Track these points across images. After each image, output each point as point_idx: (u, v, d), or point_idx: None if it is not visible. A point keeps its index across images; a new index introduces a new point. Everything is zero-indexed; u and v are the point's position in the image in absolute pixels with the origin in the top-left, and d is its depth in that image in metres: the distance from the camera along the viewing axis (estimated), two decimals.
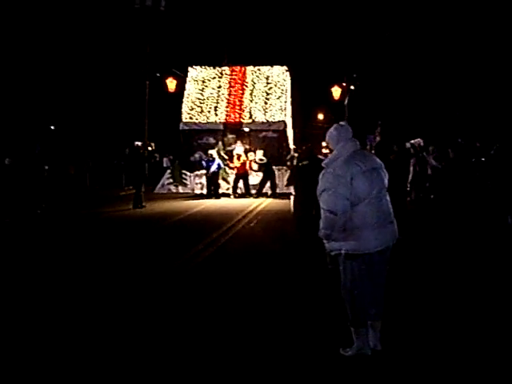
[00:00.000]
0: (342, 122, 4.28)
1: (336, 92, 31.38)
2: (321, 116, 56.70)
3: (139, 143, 27.19)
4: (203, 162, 18.39)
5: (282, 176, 19.17)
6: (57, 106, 34.16)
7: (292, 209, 8.19)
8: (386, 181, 4.22)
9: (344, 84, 31.61)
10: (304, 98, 32.07)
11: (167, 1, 26.34)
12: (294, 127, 22.80)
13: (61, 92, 33.60)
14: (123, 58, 31.53)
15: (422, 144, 38.59)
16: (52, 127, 37.32)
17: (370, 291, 4.17)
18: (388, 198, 4.23)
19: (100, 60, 32.41)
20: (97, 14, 31.47)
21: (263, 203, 16.75)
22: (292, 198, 8.22)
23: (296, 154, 23.52)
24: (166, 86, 27.64)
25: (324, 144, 60.93)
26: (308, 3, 35.76)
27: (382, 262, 4.20)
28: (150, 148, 40.08)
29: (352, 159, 4.08)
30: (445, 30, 27.06)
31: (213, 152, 18.44)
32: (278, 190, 18.97)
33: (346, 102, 37.96)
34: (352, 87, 32.27)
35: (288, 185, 19.26)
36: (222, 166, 18.37)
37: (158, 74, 29.87)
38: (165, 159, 26.13)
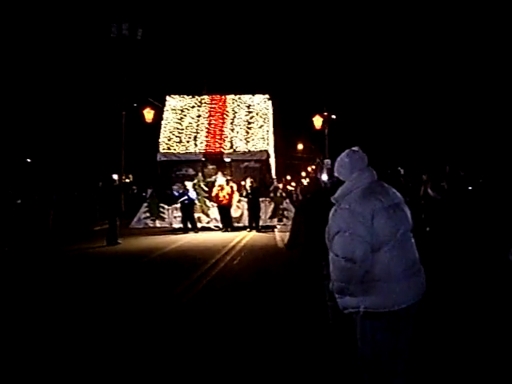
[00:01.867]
0: (355, 148, 3.43)
1: (317, 121, 30.97)
2: (300, 146, 56.44)
3: (116, 176, 26.21)
4: (175, 192, 17.40)
5: (265, 208, 18.29)
6: (32, 138, 33.14)
7: (284, 245, 7.16)
8: (411, 219, 3.37)
9: (325, 113, 31.28)
10: (285, 127, 31.47)
11: (144, 30, 25.82)
12: (276, 157, 22.01)
13: (37, 124, 32.61)
14: (99, 88, 30.73)
15: (402, 173, 38.09)
16: (28, 160, 36.23)
17: (394, 357, 3.28)
18: (413, 240, 3.37)
19: (76, 90, 31.57)
20: (73, 44, 30.76)
21: (246, 237, 15.80)
22: (277, 232, 7.25)
23: (280, 185, 22.88)
24: (143, 116, 26.91)
25: (303, 174, 60.36)
26: (289, 31, 35.62)
27: (409, 320, 3.32)
28: (127, 180, 39.11)
29: (371, 192, 3.22)
30: (424, 59, 26.95)
31: (188, 183, 17.51)
32: (261, 223, 18.08)
33: (327, 131, 37.68)
34: (333, 116, 31.97)
35: (272, 217, 18.43)
36: (194, 197, 17.39)
37: (135, 105, 29.20)
38: (149, 190, 25.05)
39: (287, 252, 6.64)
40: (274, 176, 20.75)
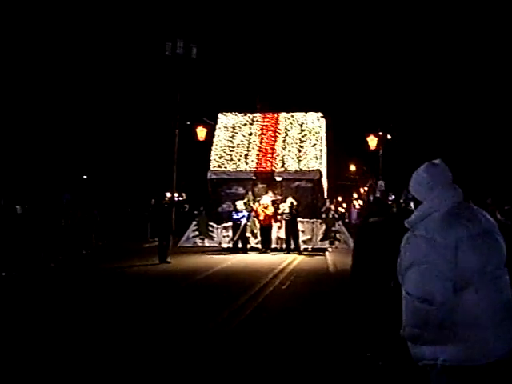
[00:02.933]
0: (435, 161, 2.80)
1: (372, 141, 30.07)
2: (353, 167, 55.34)
3: (169, 193, 26.23)
4: (233, 214, 17.00)
5: (316, 229, 17.61)
6: (89, 155, 33.84)
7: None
8: (505, 250, 2.71)
9: (380, 133, 30.35)
10: (338, 147, 30.71)
11: (198, 48, 25.90)
12: (328, 177, 21.31)
13: (94, 141, 33.29)
14: (154, 106, 31.07)
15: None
16: (85, 176, 37.01)
17: None
18: (507, 277, 2.71)
19: (131, 109, 32.05)
20: (128, 62, 31.32)
21: (295, 260, 15.16)
22: (328, 255, 6.52)
23: (332, 206, 22.14)
24: (195, 134, 26.91)
25: (355, 196, 59.00)
26: (345, 49, 35.06)
27: (499, 378, 2.64)
28: (181, 198, 39.25)
29: (455, 216, 2.58)
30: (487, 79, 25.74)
31: (240, 203, 17.07)
32: (311, 245, 17.41)
33: (381, 152, 36.63)
34: (389, 136, 31.00)
35: (323, 239, 17.71)
36: (249, 218, 16.95)
37: (188, 123, 29.28)
38: (201, 209, 24.90)
39: (339, 277, 6.01)
40: (325, 197, 20.07)
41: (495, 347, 2.52)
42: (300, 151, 18.43)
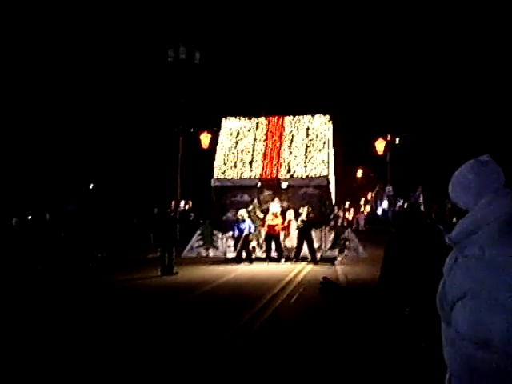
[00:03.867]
0: (484, 157, 2.15)
1: (380, 145, 29.41)
2: (359, 172, 54.65)
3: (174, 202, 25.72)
4: (234, 225, 16.45)
5: (324, 238, 16.94)
6: (94, 163, 33.38)
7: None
8: None
9: (388, 137, 29.67)
10: (344, 152, 30.00)
11: (201, 53, 25.38)
12: (336, 183, 20.61)
13: (97, 149, 32.81)
14: (156, 113, 30.57)
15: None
16: (91, 186, 36.54)
17: None
18: None
19: (133, 115, 31.56)
20: (130, 68, 30.85)
21: (303, 270, 14.49)
22: (337, 264, 5.91)
23: (341, 213, 21.43)
24: (200, 141, 26.38)
25: (362, 202, 58.53)
26: (353, 51, 34.39)
27: None
28: (187, 206, 38.63)
29: None
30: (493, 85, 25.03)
31: (242, 212, 16.44)
32: (320, 254, 16.73)
33: (388, 157, 35.93)
34: (397, 140, 30.30)
35: (332, 247, 17.03)
36: (253, 228, 16.32)
37: (192, 130, 28.75)
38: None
39: (350, 288, 5.39)
40: (333, 203, 19.39)
41: None
42: (307, 156, 17.73)
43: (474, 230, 1.98)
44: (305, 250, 16.40)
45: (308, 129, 18.32)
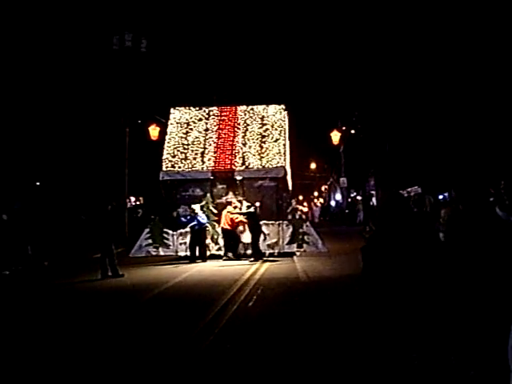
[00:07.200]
0: None
1: (335, 137, 28.87)
2: (313, 165, 54.30)
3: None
4: (182, 219, 15.48)
5: (282, 232, 16.10)
6: (40, 160, 31.53)
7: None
8: None
9: (343, 128, 29.16)
10: (298, 144, 29.33)
11: (148, 41, 24.06)
12: (292, 175, 19.82)
13: (42, 145, 30.95)
14: (101, 103, 28.99)
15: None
16: (38, 183, 34.69)
17: None
18: None
19: (76, 106, 29.85)
20: (73, 57, 29.09)
21: (261, 268, 13.60)
22: (296, 260, 5.29)
23: (299, 206, 20.66)
24: (148, 133, 25.18)
25: (316, 194, 59.08)
26: (306, 39, 33.60)
27: None
28: (138, 202, 37.12)
29: None
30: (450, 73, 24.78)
31: (195, 206, 15.45)
32: (278, 250, 15.91)
33: (342, 148, 35.61)
34: (352, 131, 29.87)
35: (290, 242, 16.23)
36: (205, 222, 15.35)
37: (139, 121, 27.44)
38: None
39: (312, 287, 4.61)
40: (291, 195, 18.61)
41: None
42: (262, 147, 16.80)
43: None
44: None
45: (263, 118, 17.43)
